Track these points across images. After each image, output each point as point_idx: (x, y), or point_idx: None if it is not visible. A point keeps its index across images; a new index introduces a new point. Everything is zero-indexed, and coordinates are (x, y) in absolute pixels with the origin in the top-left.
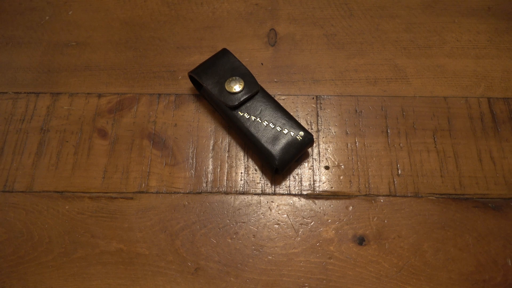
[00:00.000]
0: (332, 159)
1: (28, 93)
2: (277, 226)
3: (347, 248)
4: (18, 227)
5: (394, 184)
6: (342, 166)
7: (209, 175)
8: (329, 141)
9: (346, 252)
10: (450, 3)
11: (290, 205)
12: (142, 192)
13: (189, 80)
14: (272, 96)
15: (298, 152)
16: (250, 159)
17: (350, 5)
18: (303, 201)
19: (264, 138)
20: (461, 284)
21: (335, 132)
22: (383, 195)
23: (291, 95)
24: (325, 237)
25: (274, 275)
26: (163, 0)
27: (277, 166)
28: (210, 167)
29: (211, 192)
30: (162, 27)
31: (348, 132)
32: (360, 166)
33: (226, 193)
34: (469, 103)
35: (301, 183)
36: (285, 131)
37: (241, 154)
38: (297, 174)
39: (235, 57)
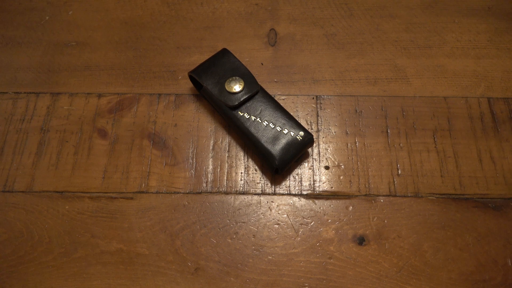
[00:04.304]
0: (332, 159)
1: (28, 93)
2: (277, 226)
3: (347, 248)
4: (18, 227)
5: (394, 184)
6: (342, 166)
7: (209, 175)
8: (329, 141)
9: (346, 252)
10: (450, 3)
11: (290, 205)
12: (142, 192)
13: (189, 80)
14: (272, 96)
15: (298, 152)
16: (250, 159)
17: (350, 5)
18: (303, 201)
19: (264, 138)
20: (461, 284)
21: (335, 132)
22: (383, 195)
23: (291, 95)
24: (325, 237)
25: (274, 275)
26: (163, 0)
27: (277, 166)
28: (210, 167)
29: (211, 192)
30: (162, 27)
31: (348, 132)
32: (360, 166)
33: (226, 193)
34: (469, 103)
35: (301, 183)
36: (285, 131)
37: (241, 154)
38: (297, 174)
39: (235, 57)
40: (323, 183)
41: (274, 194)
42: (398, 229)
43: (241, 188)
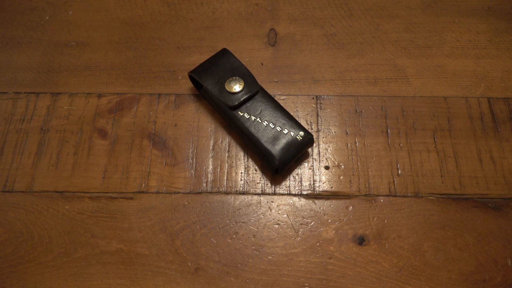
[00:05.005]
0: (332, 159)
1: (28, 93)
2: (277, 226)
3: (347, 248)
4: (18, 227)
5: (394, 184)
6: (342, 166)
7: (209, 175)
8: (329, 141)
9: (346, 252)
10: (450, 3)
11: (290, 205)
12: (142, 192)
13: (189, 80)
14: (272, 96)
15: (298, 152)
16: (250, 159)
17: (350, 5)
18: (303, 201)
19: (264, 138)
20: (461, 284)
21: (335, 132)
22: (383, 195)
23: (291, 95)
24: (325, 237)
25: (274, 275)
26: (163, 0)
27: (277, 166)
28: (210, 167)
29: (211, 192)
30: (162, 27)
31: (348, 132)
32: (360, 166)
33: (226, 193)
34: (469, 103)
35: (301, 183)
36: (285, 131)
37: (241, 154)
38: (297, 174)
39: (235, 57)
40: (323, 183)
41: (274, 194)
42: (398, 229)
43: (241, 188)
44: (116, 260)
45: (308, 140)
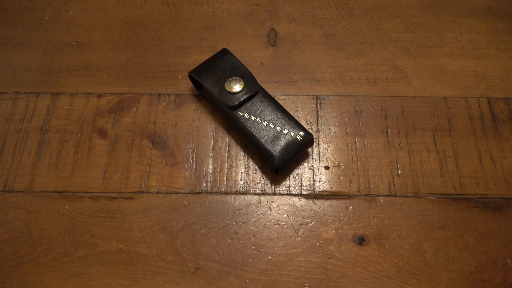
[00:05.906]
0: (332, 159)
1: (28, 93)
2: (277, 226)
3: (347, 248)
4: (18, 227)
5: (394, 184)
6: (342, 166)
7: (209, 175)
8: (329, 141)
9: (346, 252)
10: (450, 3)
11: (290, 205)
12: (142, 192)
13: (189, 80)
14: (272, 96)
15: (298, 152)
16: (250, 159)
17: (350, 5)
18: (303, 201)
19: (264, 138)
20: (461, 284)
21: (335, 132)
22: (383, 195)
23: (291, 95)
24: (325, 237)
25: (274, 275)
26: (163, 0)
27: (277, 166)
28: (210, 167)
29: (211, 192)
30: (162, 27)
31: (348, 132)
32: (360, 166)
33: (226, 193)
34: (469, 103)
35: (301, 183)
36: (285, 131)
37: (241, 154)
38: (297, 174)
39: (235, 57)
40: (323, 183)
41: (274, 194)
42: (398, 229)
43: (241, 188)
44: (116, 260)
45: (308, 140)
